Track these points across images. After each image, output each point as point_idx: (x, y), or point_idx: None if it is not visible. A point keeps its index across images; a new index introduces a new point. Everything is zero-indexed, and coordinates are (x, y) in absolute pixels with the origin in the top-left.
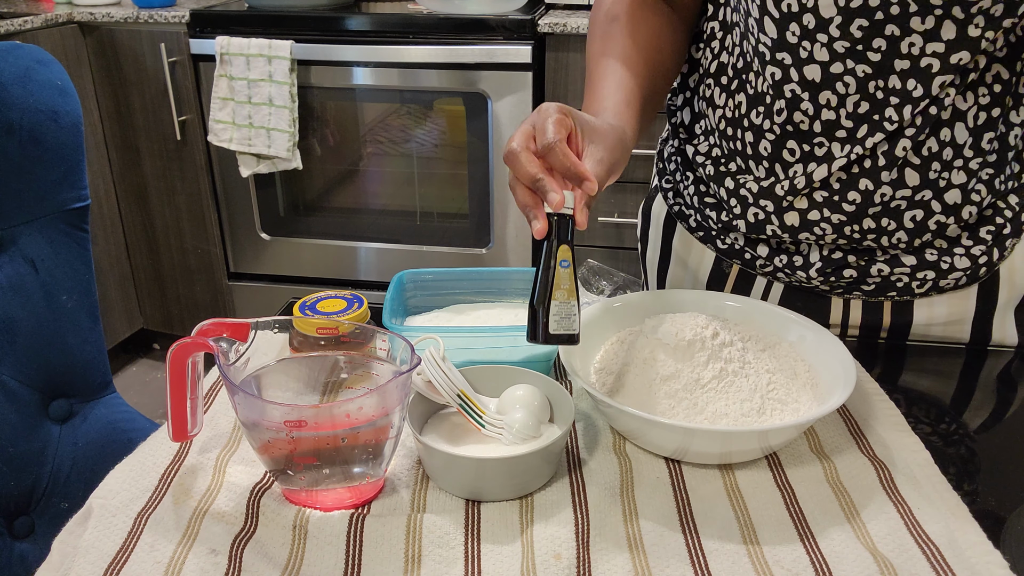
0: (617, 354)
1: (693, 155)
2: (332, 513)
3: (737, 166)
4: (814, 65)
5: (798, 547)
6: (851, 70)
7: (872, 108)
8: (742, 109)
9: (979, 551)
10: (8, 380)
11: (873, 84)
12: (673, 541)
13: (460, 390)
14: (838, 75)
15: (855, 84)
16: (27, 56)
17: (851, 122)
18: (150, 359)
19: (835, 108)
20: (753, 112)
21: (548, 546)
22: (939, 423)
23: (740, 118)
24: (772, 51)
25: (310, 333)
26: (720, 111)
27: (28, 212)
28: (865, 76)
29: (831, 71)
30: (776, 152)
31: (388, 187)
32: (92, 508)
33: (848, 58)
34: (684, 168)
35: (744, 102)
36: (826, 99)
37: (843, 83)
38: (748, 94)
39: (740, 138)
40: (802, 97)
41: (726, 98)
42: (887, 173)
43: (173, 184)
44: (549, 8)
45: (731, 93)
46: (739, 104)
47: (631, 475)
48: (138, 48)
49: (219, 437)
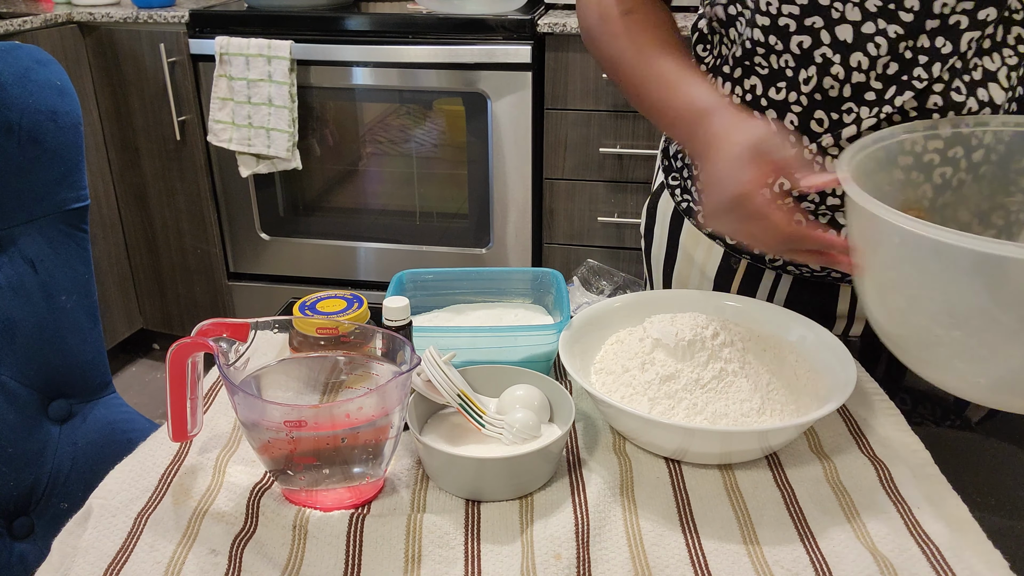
0: (617, 354)
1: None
2: (332, 513)
3: None
4: (846, 25)
5: (798, 547)
6: (883, 31)
7: (901, 69)
8: (757, 91)
9: (979, 551)
10: (8, 380)
11: (904, 44)
12: (673, 541)
13: (460, 390)
14: (869, 35)
15: (886, 45)
16: (26, 56)
17: (880, 83)
18: (150, 359)
19: (865, 71)
20: (772, 89)
21: (548, 546)
22: (943, 421)
23: (757, 99)
24: (800, 19)
25: (310, 333)
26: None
27: (27, 212)
28: (897, 37)
29: (863, 31)
30: (804, 123)
31: (388, 187)
32: (92, 508)
33: (880, 18)
34: (693, 164)
35: (759, 83)
36: (857, 61)
37: (874, 44)
38: (762, 75)
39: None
40: (833, 60)
41: (731, 87)
42: None
43: (173, 184)
44: (549, 8)
45: (737, 80)
46: (752, 87)
47: (631, 475)
48: (137, 48)
49: (219, 437)
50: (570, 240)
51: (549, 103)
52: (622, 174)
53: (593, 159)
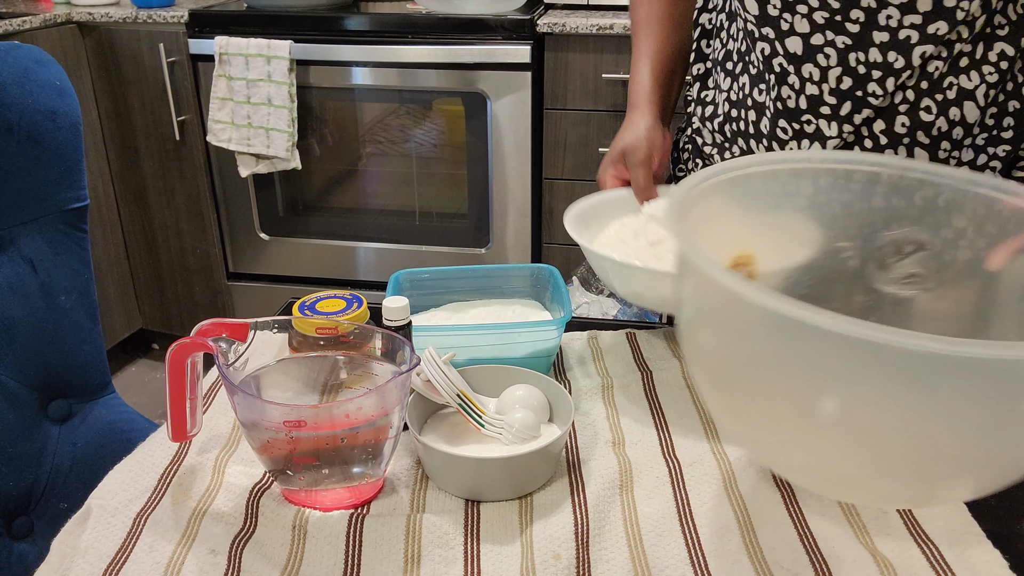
0: (617, 231)
1: (702, 144)
2: (331, 513)
3: (740, 148)
4: (795, 37)
5: (798, 547)
6: (831, 41)
7: (855, 83)
8: (746, 89)
9: (979, 551)
10: (7, 380)
11: (854, 57)
12: (673, 541)
13: (460, 390)
14: (819, 46)
15: (836, 56)
16: (25, 56)
17: (834, 98)
18: (149, 359)
19: (818, 83)
20: (755, 90)
21: (547, 546)
22: None
23: (744, 98)
24: (757, 27)
25: (309, 333)
26: (725, 95)
27: (27, 212)
28: (845, 47)
29: (812, 42)
30: (772, 130)
31: (387, 187)
32: (91, 508)
33: (828, 29)
34: (695, 155)
35: (747, 82)
36: (808, 72)
37: (824, 55)
38: (751, 74)
39: (743, 117)
40: (788, 71)
41: (731, 82)
42: (892, 152)
43: (172, 184)
44: (548, 8)
45: (735, 76)
46: (743, 85)
47: (630, 475)
48: (137, 48)
49: (218, 437)
50: (570, 240)
51: (548, 103)
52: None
53: (593, 159)
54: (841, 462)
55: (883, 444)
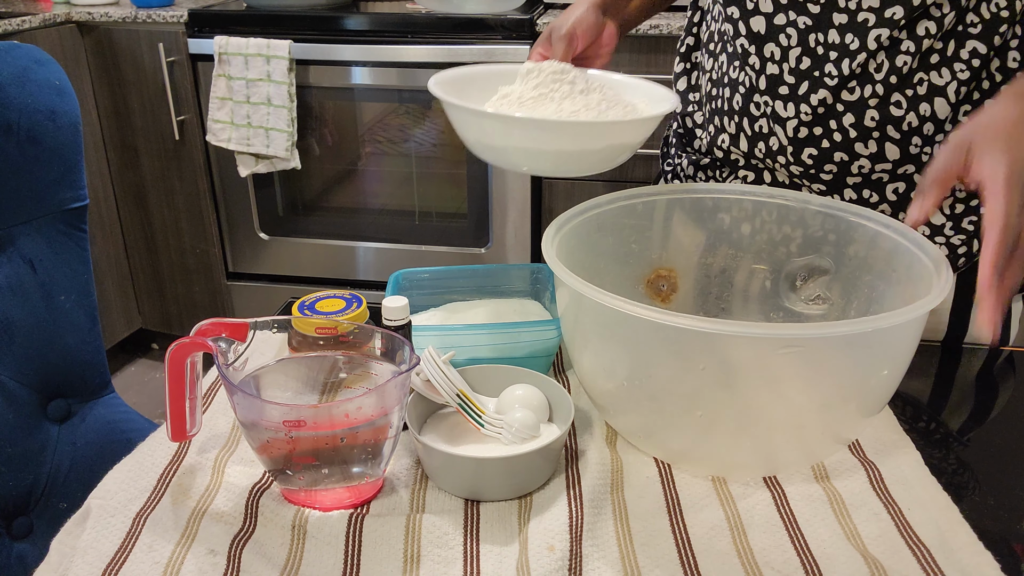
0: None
1: (692, 127)
2: (331, 513)
3: (715, 127)
4: (759, 17)
5: (788, 548)
6: (793, 22)
7: (813, 64)
8: (723, 68)
9: (969, 552)
10: (6, 380)
11: (813, 37)
12: (663, 542)
13: (459, 390)
14: (781, 27)
15: (796, 36)
16: (25, 56)
17: (793, 78)
18: (149, 359)
19: (778, 62)
20: (732, 68)
21: (542, 538)
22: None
23: (721, 76)
24: (724, 6)
25: (309, 333)
26: (707, 75)
27: (26, 212)
28: (806, 28)
29: (775, 22)
30: (744, 107)
31: (387, 187)
32: (90, 508)
33: (790, 9)
34: (678, 147)
35: (725, 60)
36: (770, 52)
37: (785, 35)
38: (728, 52)
39: (721, 95)
40: (749, 51)
41: (712, 61)
42: (862, 145)
43: (172, 184)
44: (548, 8)
45: (715, 55)
46: (721, 64)
47: (621, 475)
48: (136, 48)
49: (218, 437)
50: None
51: None
52: (622, 174)
53: None
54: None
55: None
